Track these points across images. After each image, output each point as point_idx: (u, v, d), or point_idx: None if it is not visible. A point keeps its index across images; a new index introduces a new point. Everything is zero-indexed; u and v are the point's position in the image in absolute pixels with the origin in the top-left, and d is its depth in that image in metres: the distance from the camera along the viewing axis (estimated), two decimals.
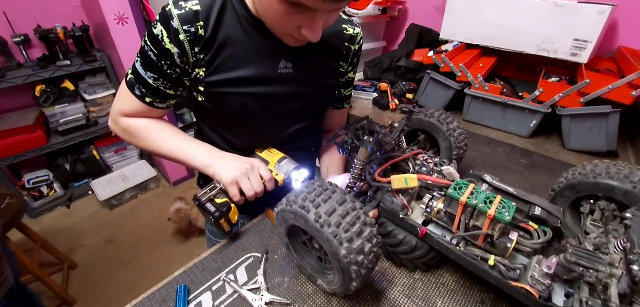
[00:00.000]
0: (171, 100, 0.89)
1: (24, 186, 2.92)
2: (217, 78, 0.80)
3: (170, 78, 0.81)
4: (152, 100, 0.85)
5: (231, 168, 0.82)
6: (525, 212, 0.66)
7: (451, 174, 0.74)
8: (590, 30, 1.26)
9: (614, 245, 0.55)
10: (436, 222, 0.70)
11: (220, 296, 0.73)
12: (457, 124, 0.95)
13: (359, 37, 0.96)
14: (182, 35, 0.74)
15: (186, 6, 0.73)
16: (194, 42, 0.75)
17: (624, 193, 0.64)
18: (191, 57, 0.77)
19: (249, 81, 0.81)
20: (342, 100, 1.07)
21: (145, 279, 2.42)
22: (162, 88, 0.83)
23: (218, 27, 0.76)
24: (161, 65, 0.78)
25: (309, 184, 0.63)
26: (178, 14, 0.72)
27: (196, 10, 0.73)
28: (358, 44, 0.97)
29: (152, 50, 0.77)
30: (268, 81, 0.84)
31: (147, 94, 0.84)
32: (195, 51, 0.77)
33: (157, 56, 0.77)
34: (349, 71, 1.01)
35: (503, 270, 0.58)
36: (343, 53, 0.94)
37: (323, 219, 0.56)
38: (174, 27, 0.73)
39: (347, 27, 0.93)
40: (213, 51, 0.77)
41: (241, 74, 0.80)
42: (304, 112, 0.95)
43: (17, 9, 2.60)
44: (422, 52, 1.83)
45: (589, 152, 1.26)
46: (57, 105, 2.77)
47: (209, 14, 0.75)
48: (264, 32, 0.79)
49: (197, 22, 0.74)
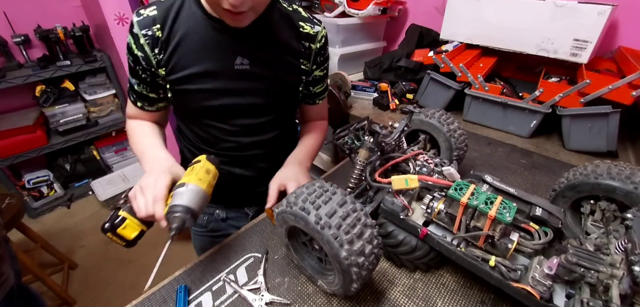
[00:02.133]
0: (158, 103, 0.96)
1: (24, 186, 2.91)
2: (176, 76, 0.85)
3: (147, 81, 0.89)
4: (142, 104, 0.94)
5: (139, 183, 0.75)
6: (526, 212, 0.66)
7: (452, 175, 0.74)
8: (590, 30, 1.26)
9: (615, 245, 0.55)
10: (437, 223, 0.70)
11: (220, 296, 0.73)
12: (457, 125, 0.95)
13: (319, 36, 0.96)
14: (142, 39, 0.81)
15: (144, 13, 0.82)
16: (153, 44, 0.82)
17: (625, 194, 0.64)
18: (153, 59, 0.84)
19: (206, 76, 0.86)
20: (313, 96, 1.08)
21: (145, 279, 2.40)
22: (144, 92, 0.91)
23: (174, 28, 0.83)
24: (137, 70, 0.87)
25: (309, 184, 0.63)
26: (137, 20, 0.81)
27: (153, 15, 0.81)
28: (319, 43, 0.97)
29: (129, 58, 0.86)
30: (224, 76, 0.87)
31: (137, 98, 0.93)
32: (155, 53, 0.83)
33: (132, 62, 0.86)
34: (315, 70, 1.01)
35: (504, 271, 0.58)
36: (302, 51, 0.95)
37: (323, 221, 0.56)
38: (135, 33, 0.81)
39: (303, 25, 0.94)
40: (170, 50, 0.83)
41: (197, 70, 0.85)
42: (266, 107, 0.97)
43: (17, 9, 2.60)
44: (422, 52, 1.83)
45: (589, 152, 1.26)
46: (57, 106, 2.77)
47: (165, 17, 0.82)
48: (219, 29, 0.83)
49: (154, 26, 0.81)
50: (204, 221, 1.18)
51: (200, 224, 1.19)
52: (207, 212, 1.18)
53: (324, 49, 1.00)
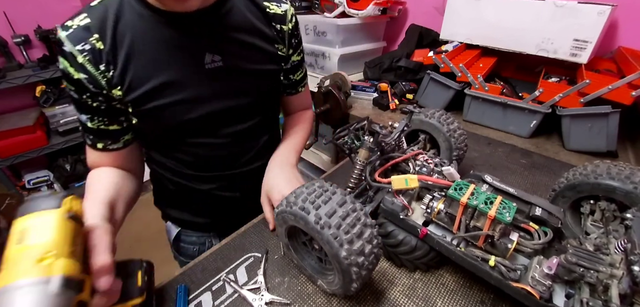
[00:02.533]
0: (124, 136, 0.78)
1: (24, 186, 2.92)
2: (137, 93, 0.70)
3: (101, 111, 0.71)
4: (103, 143, 0.76)
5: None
6: (526, 212, 0.66)
7: (451, 175, 0.74)
8: (590, 30, 1.26)
9: (615, 245, 0.55)
10: (436, 223, 0.70)
11: (220, 296, 0.73)
12: (457, 125, 0.95)
13: (289, 15, 0.86)
14: (80, 57, 0.65)
15: (73, 25, 0.65)
16: (95, 60, 0.66)
17: (624, 194, 0.64)
18: (100, 78, 0.67)
19: (171, 86, 0.71)
20: (294, 85, 0.98)
21: None
22: (102, 127, 0.73)
23: (118, 35, 0.67)
24: (85, 100, 0.69)
25: (308, 184, 0.63)
26: (66, 35, 0.64)
27: (85, 24, 0.65)
28: (291, 23, 0.87)
29: (71, 88, 0.69)
30: (195, 81, 0.74)
31: (95, 138, 0.75)
32: (101, 69, 0.67)
33: (76, 92, 0.69)
34: (292, 54, 0.91)
35: (503, 271, 0.58)
36: (275, 35, 0.85)
37: (323, 221, 0.56)
38: (68, 52, 0.65)
39: (269, 5, 0.83)
40: (121, 64, 0.68)
41: (162, 80, 0.70)
42: (252, 107, 0.86)
43: (17, 9, 2.60)
44: (422, 52, 1.83)
45: (589, 152, 1.26)
46: (57, 106, 2.77)
47: (103, 24, 0.66)
48: (175, 25, 0.69)
49: (90, 37, 0.65)
50: (195, 251, 1.07)
51: (190, 255, 1.07)
52: (197, 242, 1.06)
53: (296, 29, 0.90)
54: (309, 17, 2.06)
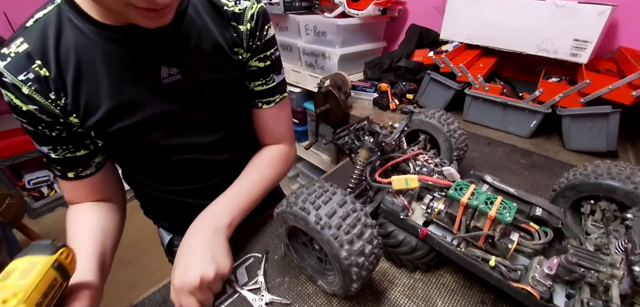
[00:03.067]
0: (94, 159, 0.72)
1: (24, 186, 2.92)
2: (95, 119, 0.64)
3: (62, 140, 0.66)
4: (74, 172, 0.70)
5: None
6: (526, 212, 0.66)
7: (452, 175, 0.74)
8: (590, 30, 1.26)
9: (615, 245, 0.55)
10: (437, 223, 0.70)
11: (220, 296, 0.73)
12: (457, 125, 0.95)
13: (248, 14, 0.73)
14: (24, 87, 0.58)
15: (10, 52, 0.57)
16: (42, 89, 0.59)
17: (625, 194, 0.64)
18: (53, 107, 0.61)
19: (129, 107, 0.66)
20: (254, 96, 0.84)
21: (145, 279, 2.42)
22: (68, 155, 0.68)
23: (61, 57, 0.59)
24: (42, 132, 0.63)
25: (308, 184, 0.63)
26: (4, 65, 0.57)
27: (24, 50, 0.57)
28: (249, 23, 0.73)
29: (23, 121, 0.62)
30: (154, 99, 0.68)
31: (63, 168, 0.70)
32: (52, 98, 0.60)
33: (29, 123, 0.62)
34: (249, 58, 0.78)
35: (504, 271, 0.58)
36: (234, 36, 0.73)
37: (323, 221, 0.56)
38: (10, 83, 0.57)
39: (227, 3, 0.72)
40: (71, 89, 0.61)
41: (118, 101, 0.64)
42: (216, 120, 0.80)
43: (17, 9, 2.60)
44: (422, 52, 1.83)
45: (589, 152, 1.26)
46: None
47: (43, 47, 0.58)
48: (120, 40, 0.61)
49: (32, 64, 0.58)
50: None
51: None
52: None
53: (259, 30, 0.75)
54: (309, 17, 2.06)
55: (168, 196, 0.90)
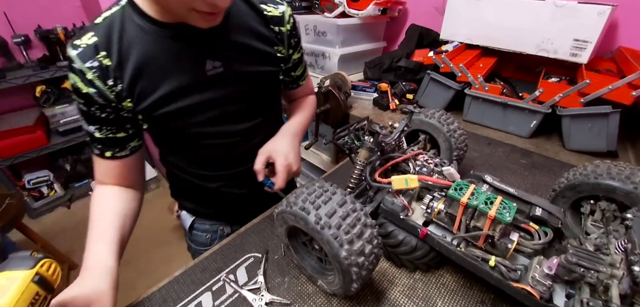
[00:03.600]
0: (131, 142, 0.81)
1: (24, 186, 2.92)
2: (146, 103, 0.74)
3: (109, 121, 0.75)
4: (112, 152, 0.79)
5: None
6: (526, 212, 0.66)
7: (451, 175, 0.74)
8: (590, 30, 1.25)
9: (615, 245, 0.55)
10: (436, 223, 0.70)
11: (220, 296, 0.73)
12: (457, 125, 0.95)
13: (286, 16, 0.87)
14: (89, 73, 0.68)
15: (82, 43, 0.68)
16: (103, 76, 0.69)
17: (625, 194, 0.64)
18: (109, 92, 0.71)
19: (177, 94, 0.75)
20: (296, 80, 1.01)
21: (145, 279, 2.42)
22: (110, 135, 0.77)
23: (124, 50, 0.70)
24: (93, 112, 0.73)
25: (308, 184, 0.63)
26: (76, 54, 0.68)
27: (93, 42, 0.68)
28: (289, 23, 0.88)
29: (80, 101, 0.72)
30: (198, 88, 0.77)
31: (103, 147, 0.78)
32: (110, 85, 0.70)
33: (85, 105, 0.72)
34: (292, 54, 0.93)
35: (504, 271, 0.58)
36: (274, 37, 0.86)
37: (323, 221, 0.56)
38: (78, 69, 0.68)
39: (266, 8, 0.84)
40: (128, 78, 0.71)
41: (167, 90, 0.74)
42: (253, 109, 0.90)
43: (17, 9, 2.61)
44: (422, 52, 1.83)
45: (589, 152, 1.26)
46: (57, 106, 2.78)
47: (108, 41, 0.69)
48: (176, 37, 0.72)
49: (97, 55, 0.68)
50: (208, 239, 1.11)
51: (202, 243, 1.12)
52: (210, 230, 1.11)
53: (295, 28, 0.91)
54: (309, 17, 2.06)
55: (196, 180, 0.98)
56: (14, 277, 0.49)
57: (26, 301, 0.49)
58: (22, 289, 0.49)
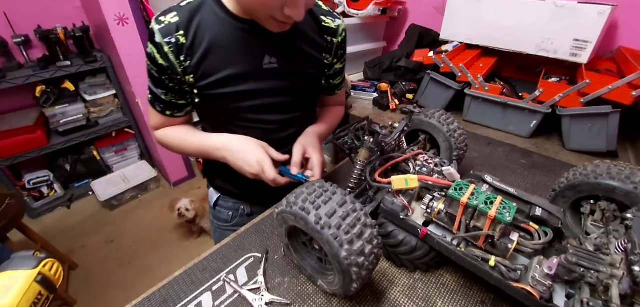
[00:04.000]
0: (187, 108, 0.95)
1: (24, 186, 2.92)
2: (205, 82, 0.84)
3: (175, 90, 0.87)
4: (171, 112, 0.93)
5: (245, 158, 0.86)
6: (526, 212, 0.66)
7: (451, 175, 0.74)
8: (590, 31, 1.26)
9: (615, 245, 0.55)
10: (437, 223, 0.70)
11: (220, 296, 0.73)
12: (457, 125, 0.95)
13: (340, 29, 0.97)
14: (166, 47, 0.78)
15: (165, 20, 0.78)
16: (177, 52, 0.79)
17: (625, 194, 0.64)
18: (178, 67, 0.81)
19: (235, 79, 0.85)
20: (332, 88, 1.10)
21: (145, 279, 2.42)
22: (173, 100, 0.90)
23: (199, 33, 0.80)
24: (164, 80, 0.84)
25: (308, 184, 0.63)
26: (159, 28, 0.78)
27: (175, 21, 0.78)
28: (340, 36, 0.97)
29: (153, 68, 0.83)
30: (254, 77, 0.87)
31: (165, 107, 0.91)
32: (181, 60, 0.80)
33: (157, 73, 0.83)
34: (335, 63, 1.02)
35: (504, 271, 0.58)
36: (325, 45, 0.95)
37: (323, 221, 0.56)
38: (157, 42, 0.78)
39: (325, 19, 0.94)
40: (197, 57, 0.81)
41: (226, 74, 0.83)
42: (294, 104, 0.98)
43: (17, 9, 2.60)
44: (422, 52, 1.83)
45: (589, 152, 1.26)
46: (57, 106, 2.77)
47: (188, 22, 0.79)
48: (245, 30, 0.81)
49: (177, 32, 0.78)
50: (229, 216, 1.20)
51: (224, 219, 1.21)
52: (232, 207, 1.19)
53: (345, 42, 1.01)
54: None
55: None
56: (16, 277, 0.50)
57: (29, 300, 0.50)
58: (25, 288, 0.50)
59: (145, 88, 0.91)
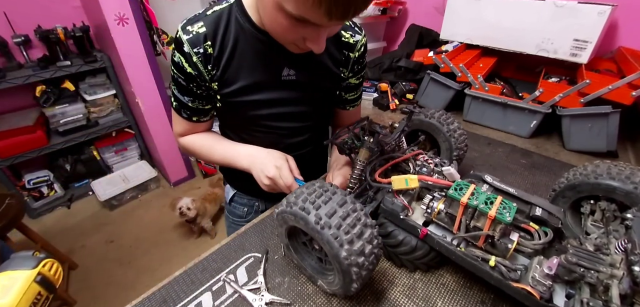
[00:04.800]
0: (211, 112, 0.99)
1: (24, 186, 2.91)
2: (228, 89, 0.87)
3: (202, 96, 0.90)
4: (197, 118, 0.96)
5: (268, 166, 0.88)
6: (526, 212, 0.66)
7: (452, 175, 0.74)
8: (590, 30, 1.26)
9: (615, 245, 0.55)
10: (437, 223, 0.70)
11: (220, 296, 0.73)
12: (457, 125, 0.95)
13: (358, 45, 0.96)
14: (194, 57, 0.81)
15: (193, 30, 0.80)
16: (205, 61, 0.82)
17: (625, 194, 0.64)
18: (206, 74, 0.84)
19: (255, 88, 0.87)
20: (344, 102, 1.09)
21: (145, 279, 2.42)
22: (200, 106, 0.93)
23: (224, 44, 0.82)
24: (191, 87, 0.87)
25: (309, 184, 0.63)
26: (187, 38, 0.80)
27: (203, 32, 0.80)
28: (358, 51, 0.97)
29: (180, 76, 0.86)
30: (272, 87, 0.89)
31: (191, 114, 0.94)
32: (209, 69, 0.83)
33: (185, 80, 0.86)
34: (350, 77, 1.02)
35: (504, 271, 0.58)
36: (342, 60, 0.96)
37: (323, 221, 0.56)
38: (186, 52, 0.80)
39: (344, 34, 0.94)
40: (222, 66, 0.83)
41: (247, 82, 0.86)
42: (307, 114, 1.00)
43: (17, 9, 2.60)
44: (422, 52, 1.83)
45: (589, 152, 1.26)
46: (57, 106, 2.77)
47: (215, 33, 0.81)
48: (266, 42, 0.82)
49: (205, 43, 0.80)
50: (244, 212, 1.23)
51: (239, 215, 1.24)
52: (247, 204, 1.23)
53: (363, 57, 1.01)
54: None
55: None
56: (16, 277, 0.50)
57: (28, 301, 0.50)
58: (24, 289, 0.49)
59: (144, 88, 0.93)
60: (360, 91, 1.12)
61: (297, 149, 1.04)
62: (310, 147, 1.10)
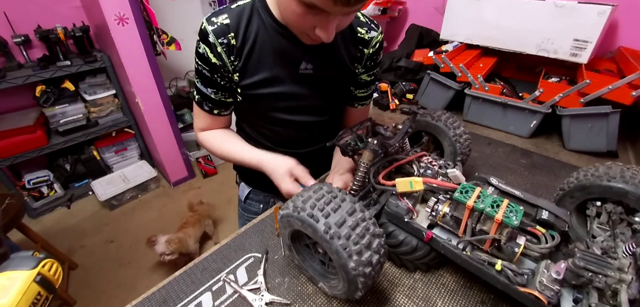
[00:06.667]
0: (231, 106, 1.01)
1: (24, 186, 2.90)
2: (248, 81, 0.89)
3: (225, 88, 0.93)
4: (219, 110, 0.99)
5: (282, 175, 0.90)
6: (532, 215, 0.66)
7: (457, 177, 0.74)
8: (590, 31, 1.26)
9: (622, 249, 0.55)
10: (441, 226, 0.70)
11: (220, 296, 0.73)
12: (463, 129, 0.95)
13: (374, 41, 0.97)
14: (219, 47, 0.84)
15: (218, 21, 0.83)
16: (229, 52, 0.85)
17: (637, 198, 0.64)
18: (229, 65, 0.87)
19: (274, 81, 0.90)
20: (354, 99, 1.10)
21: (145, 279, 2.41)
22: (222, 99, 0.95)
23: (247, 36, 0.85)
24: (215, 78, 0.90)
25: (316, 188, 0.62)
26: (212, 29, 0.83)
27: (227, 23, 0.83)
28: (372, 48, 0.98)
29: (204, 68, 0.88)
30: (290, 81, 0.92)
31: (213, 106, 0.97)
32: (231, 59, 0.86)
33: (209, 72, 0.88)
34: (362, 73, 1.03)
35: (510, 275, 0.58)
36: (357, 56, 0.98)
37: (333, 231, 0.55)
38: (211, 42, 0.83)
39: (360, 30, 0.96)
40: (244, 58, 0.86)
41: (266, 75, 0.89)
42: (323, 107, 1.02)
43: (17, 9, 2.59)
44: (422, 52, 1.83)
45: (589, 152, 1.26)
46: (57, 106, 2.76)
47: (238, 25, 0.84)
48: (286, 36, 0.85)
49: (228, 34, 0.83)
50: (260, 209, 1.26)
51: (254, 212, 1.26)
52: (263, 200, 1.26)
53: (377, 54, 1.02)
54: None
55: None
56: (15, 277, 0.49)
57: (28, 301, 0.49)
58: (24, 289, 0.49)
59: (144, 88, 0.93)
60: (371, 90, 1.12)
61: (312, 144, 1.07)
62: (325, 143, 1.09)
